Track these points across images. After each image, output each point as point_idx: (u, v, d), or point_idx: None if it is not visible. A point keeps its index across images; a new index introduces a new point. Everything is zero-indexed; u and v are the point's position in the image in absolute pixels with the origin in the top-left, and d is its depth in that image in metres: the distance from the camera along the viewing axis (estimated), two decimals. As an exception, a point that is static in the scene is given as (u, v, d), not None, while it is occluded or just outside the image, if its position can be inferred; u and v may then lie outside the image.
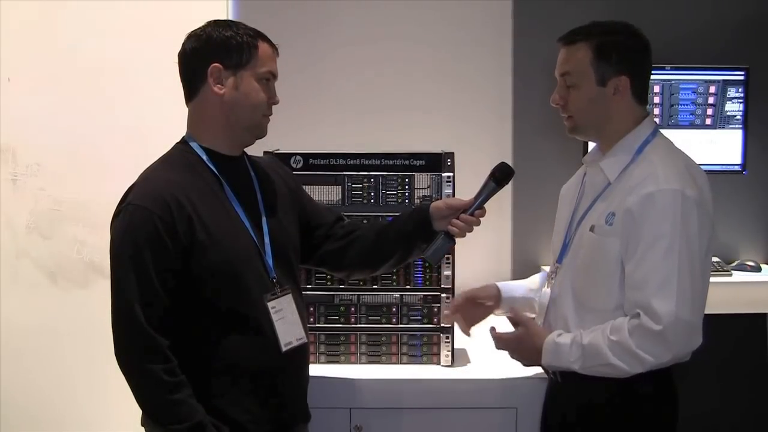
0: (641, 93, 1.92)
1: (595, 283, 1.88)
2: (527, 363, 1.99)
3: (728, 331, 3.02)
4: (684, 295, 1.74)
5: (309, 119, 3.00)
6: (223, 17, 2.74)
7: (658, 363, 1.77)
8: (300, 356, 1.91)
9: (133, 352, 1.71)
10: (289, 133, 2.41)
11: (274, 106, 1.90)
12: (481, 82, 3.07)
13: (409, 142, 2.60)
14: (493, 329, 2.01)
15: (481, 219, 1.99)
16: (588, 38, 1.89)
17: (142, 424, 1.81)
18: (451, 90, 3.06)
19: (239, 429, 1.80)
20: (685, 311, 1.74)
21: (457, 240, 2.04)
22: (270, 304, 1.84)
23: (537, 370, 2.22)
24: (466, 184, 2.14)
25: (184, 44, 1.86)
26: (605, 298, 1.84)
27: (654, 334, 1.74)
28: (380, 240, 2.06)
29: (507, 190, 2.16)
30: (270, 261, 1.86)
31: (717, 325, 2.75)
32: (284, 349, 1.84)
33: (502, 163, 2.02)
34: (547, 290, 2.02)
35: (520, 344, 1.95)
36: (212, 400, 1.77)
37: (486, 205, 2.00)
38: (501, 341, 1.98)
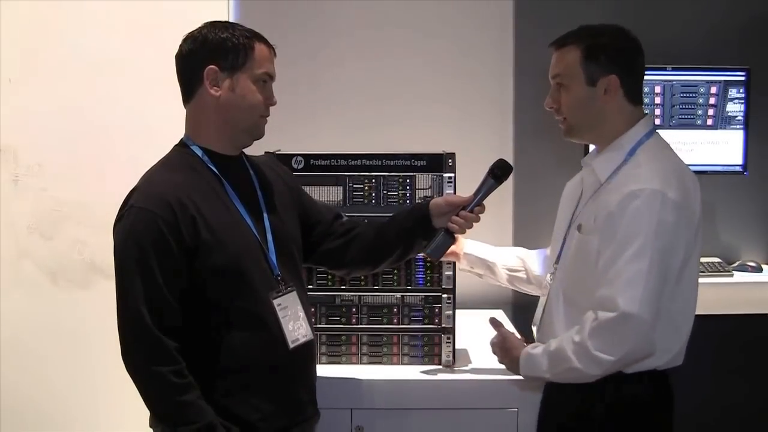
0: (634, 93, 1.92)
1: (580, 282, 1.88)
2: (511, 370, 1.98)
3: (729, 332, 3.01)
4: (648, 295, 1.73)
5: (310, 120, 2.99)
6: (224, 16, 2.75)
7: (615, 361, 1.75)
8: (307, 353, 1.91)
9: (141, 355, 1.71)
10: (290, 133, 2.41)
11: (274, 107, 1.89)
12: (482, 82, 3.07)
13: (411, 142, 2.59)
14: (493, 319, 2.04)
15: (480, 216, 2.00)
16: (577, 40, 1.90)
17: (151, 426, 1.80)
18: (452, 90, 3.06)
19: (249, 428, 1.79)
20: (645, 310, 1.72)
21: (459, 238, 2.04)
22: (275, 302, 1.83)
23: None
24: (468, 185, 2.14)
25: (180, 46, 1.86)
26: (590, 297, 1.81)
27: (608, 327, 1.72)
28: (380, 237, 2.06)
29: (508, 188, 2.16)
30: (274, 258, 1.86)
31: (718, 325, 2.75)
32: (291, 346, 1.84)
33: (501, 159, 2.02)
34: (546, 290, 2.03)
35: (501, 353, 1.99)
36: (221, 400, 1.77)
37: (487, 203, 2.00)
38: (492, 344, 2.02)
